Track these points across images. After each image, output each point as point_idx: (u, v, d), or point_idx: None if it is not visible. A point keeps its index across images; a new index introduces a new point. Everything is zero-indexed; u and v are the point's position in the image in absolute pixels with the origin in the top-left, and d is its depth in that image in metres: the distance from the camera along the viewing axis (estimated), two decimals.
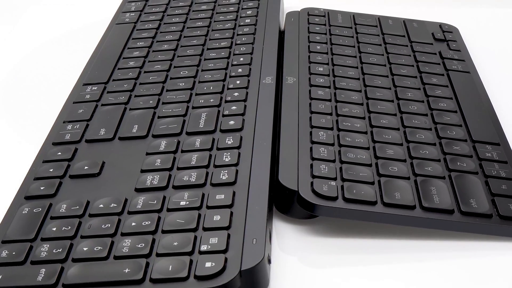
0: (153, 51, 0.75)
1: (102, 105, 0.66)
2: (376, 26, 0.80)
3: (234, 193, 0.53)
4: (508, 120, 0.66)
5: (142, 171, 0.56)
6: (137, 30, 0.80)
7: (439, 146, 0.60)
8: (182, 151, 0.58)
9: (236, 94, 0.65)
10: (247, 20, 0.79)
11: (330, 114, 0.62)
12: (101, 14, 0.88)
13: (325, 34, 0.77)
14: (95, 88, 0.69)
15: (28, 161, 0.60)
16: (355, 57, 0.73)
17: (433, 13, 0.88)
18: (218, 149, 0.58)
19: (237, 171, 0.55)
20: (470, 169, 0.58)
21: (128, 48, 0.76)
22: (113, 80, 0.70)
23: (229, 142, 0.58)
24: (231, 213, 0.51)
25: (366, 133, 0.61)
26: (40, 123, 0.67)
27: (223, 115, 0.62)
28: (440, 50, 0.76)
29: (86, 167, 0.58)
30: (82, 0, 0.95)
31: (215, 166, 0.56)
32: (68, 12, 0.93)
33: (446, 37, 0.79)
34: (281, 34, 0.79)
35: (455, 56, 0.75)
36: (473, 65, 0.74)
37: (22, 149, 0.66)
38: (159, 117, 0.63)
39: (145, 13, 0.84)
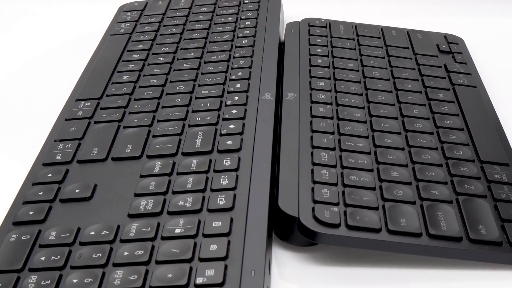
0: (149, 64, 0.72)
1: (95, 122, 0.64)
2: (379, 38, 0.77)
3: (231, 219, 0.50)
4: None
5: (136, 195, 0.54)
6: (132, 41, 0.77)
7: (446, 167, 0.58)
8: (178, 174, 0.56)
9: (234, 111, 0.62)
10: (246, 32, 0.77)
11: (332, 133, 0.60)
12: (95, 24, 0.86)
13: (327, 46, 0.74)
14: (88, 104, 0.66)
15: (18, 182, 0.58)
16: (358, 71, 0.70)
17: (438, 23, 0.86)
18: (215, 171, 0.55)
19: (234, 195, 0.53)
20: (479, 192, 0.55)
21: (123, 61, 0.73)
22: (107, 95, 0.67)
23: (226, 164, 0.56)
24: (228, 242, 0.48)
25: (369, 153, 0.58)
26: (31, 140, 0.65)
27: (221, 134, 0.60)
28: (445, 63, 0.74)
29: (77, 190, 0.55)
30: (76, 9, 0.92)
31: (212, 190, 0.53)
32: (61, 22, 0.91)
33: (451, 49, 0.77)
34: (281, 45, 0.76)
35: (461, 70, 0.73)
36: (480, 79, 0.72)
37: (12, 169, 0.63)
38: (154, 136, 0.61)
39: (140, 24, 0.81)
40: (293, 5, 0.91)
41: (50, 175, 0.57)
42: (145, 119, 0.63)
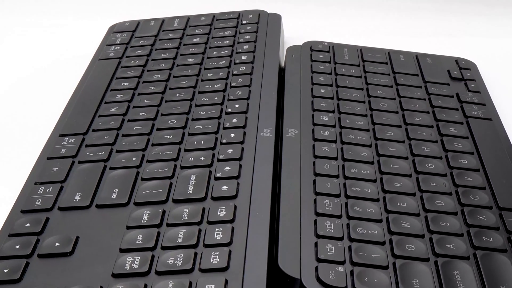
0: (139, 94, 0.67)
1: (79, 162, 0.58)
2: (386, 63, 0.72)
3: (226, 281, 0.45)
4: None
5: (121, 250, 0.49)
6: (121, 67, 0.72)
7: (461, 216, 0.53)
8: (168, 225, 0.51)
9: (230, 151, 0.57)
10: (244, 57, 0.72)
11: (337, 176, 0.55)
12: (83, 46, 0.80)
13: (330, 74, 0.69)
14: (72, 140, 0.61)
15: None
16: (364, 102, 0.65)
17: (447, 43, 0.81)
18: (208, 222, 0.50)
19: (230, 252, 0.48)
20: (498, 246, 0.50)
21: (111, 90, 0.68)
22: (93, 130, 0.62)
23: (221, 214, 0.51)
24: None
25: (378, 200, 0.53)
26: (9, 182, 0.60)
27: (215, 178, 0.55)
28: (457, 91, 0.69)
29: (57, 244, 0.50)
30: (63, 28, 0.87)
31: (205, 246, 0.48)
32: (46, 43, 0.85)
33: (463, 75, 0.72)
34: (281, 71, 0.71)
35: (475, 99, 0.67)
36: (495, 110, 0.67)
37: None
38: (142, 179, 0.56)
39: (131, 47, 0.76)
40: (294, 22, 0.87)
41: (28, 224, 0.52)
42: (134, 159, 0.58)
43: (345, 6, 0.93)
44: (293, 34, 0.84)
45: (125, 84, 0.69)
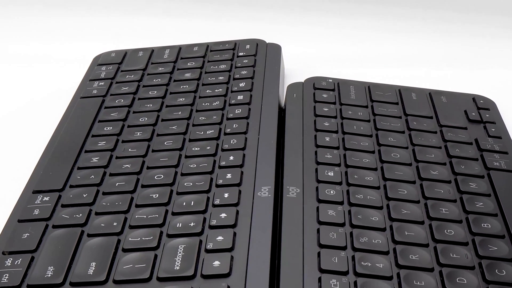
0: (123, 141, 0.60)
1: (54, 226, 0.52)
2: (397, 104, 0.66)
3: None
4: None
5: None
6: (105, 108, 0.65)
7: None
8: None
9: (223, 215, 0.51)
10: (240, 97, 0.65)
11: (344, 248, 0.48)
12: (66, 80, 0.73)
13: (335, 117, 0.62)
14: (47, 198, 0.54)
15: None
16: (373, 152, 0.58)
17: (461, 76, 0.74)
18: None
19: None
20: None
21: (93, 135, 0.62)
22: (70, 186, 0.56)
23: None
24: None
25: (391, 278, 0.46)
26: None
27: (206, 250, 0.48)
28: (476, 136, 0.62)
29: None
30: (43, 60, 0.79)
31: None
32: (23, 78, 0.77)
33: (482, 117, 0.65)
34: (281, 112, 0.64)
35: (496, 147, 0.61)
36: None
37: None
38: (124, 250, 0.49)
39: (116, 83, 0.69)
40: (294, 46, 0.80)
41: None
42: (114, 224, 0.51)
43: (344, 28, 0.86)
44: (294, 61, 0.78)
45: (108, 128, 0.62)
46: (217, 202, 0.52)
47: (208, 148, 0.58)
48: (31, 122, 0.69)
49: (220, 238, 0.49)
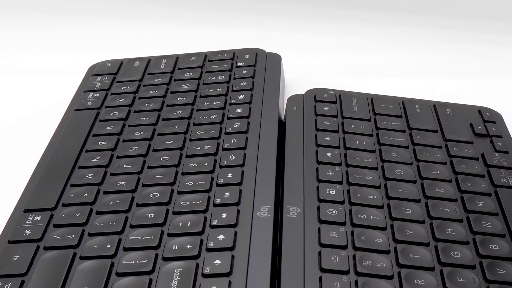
0: (117, 156, 0.59)
1: (45, 248, 0.50)
2: (401, 117, 0.64)
3: None
4: None
5: None
6: (100, 121, 0.64)
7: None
8: None
9: (220, 237, 0.49)
10: (238, 110, 0.63)
11: (347, 272, 0.46)
12: (59, 92, 0.71)
13: (337, 132, 0.60)
14: (39, 218, 0.52)
15: None
16: (377, 169, 0.56)
17: (466, 87, 0.72)
18: None
19: None
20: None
21: (87, 150, 0.60)
22: (63, 204, 0.54)
23: None
24: None
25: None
26: None
27: (203, 275, 0.46)
28: (483, 151, 0.60)
29: None
30: (37, 72, 0.77)
31: None
32: (17, 91, 0.74)
33: (488, 130, 0.63)
34: (282, 125, 0.63)
35: (503, 162, 0.59)
36: None
37: None
38: (117, 275, 0.47)
39: (112, 94, 0.68)
40: (295, 54, 0.78)
41: None
42: (108, 245, 0.49)
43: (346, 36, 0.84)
44: (294, 70, 0.76)
45: (103, 143, 0.60)
46: (214, 222, 0.50)
47: (206, 164, 0.56)
48: (24, 136, 0.67)
49: (217, 261, 0.47)
